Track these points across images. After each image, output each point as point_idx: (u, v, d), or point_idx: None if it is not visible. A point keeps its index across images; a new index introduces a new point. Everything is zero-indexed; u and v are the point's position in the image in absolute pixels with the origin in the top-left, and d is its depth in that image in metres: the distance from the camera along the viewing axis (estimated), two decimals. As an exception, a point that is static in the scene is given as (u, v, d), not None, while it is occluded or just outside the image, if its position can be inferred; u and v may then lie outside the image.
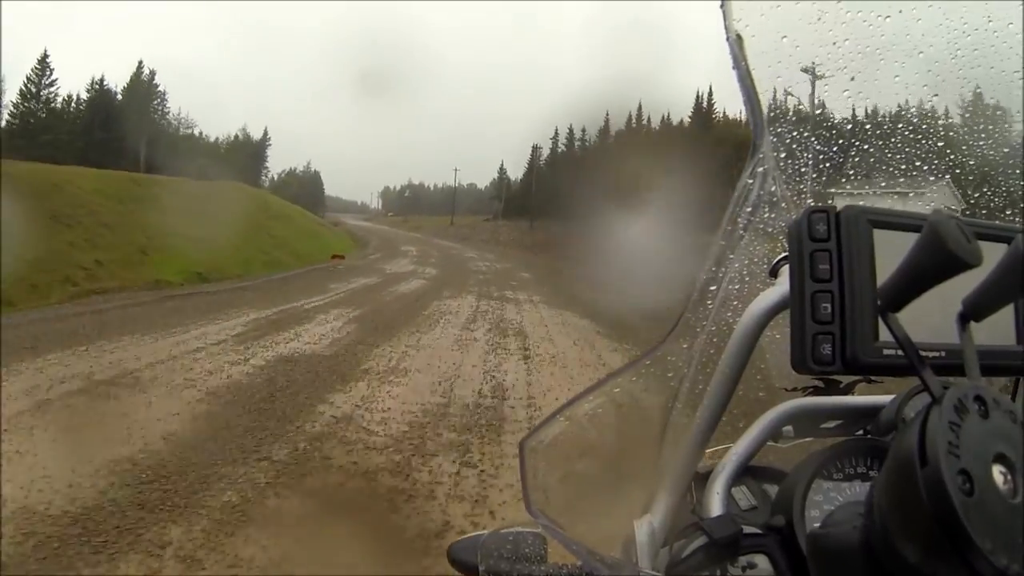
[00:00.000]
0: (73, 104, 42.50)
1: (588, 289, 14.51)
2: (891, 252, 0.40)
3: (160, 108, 49.74)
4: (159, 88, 49.54)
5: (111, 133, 40.16)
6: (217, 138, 59.89)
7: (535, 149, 51.27)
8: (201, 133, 58.72)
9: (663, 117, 41.89)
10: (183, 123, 53.66)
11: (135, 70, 48.08)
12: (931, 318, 0.40)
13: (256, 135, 61.51)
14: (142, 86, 47.33)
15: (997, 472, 0.31)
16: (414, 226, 63.93)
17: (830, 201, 0.61)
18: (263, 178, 59.66)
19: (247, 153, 57.11)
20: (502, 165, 62.31)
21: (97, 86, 43.10)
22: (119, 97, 44.38)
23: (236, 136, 60.40)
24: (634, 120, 45.02)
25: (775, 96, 0.62)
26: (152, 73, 49.35)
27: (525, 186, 50.56)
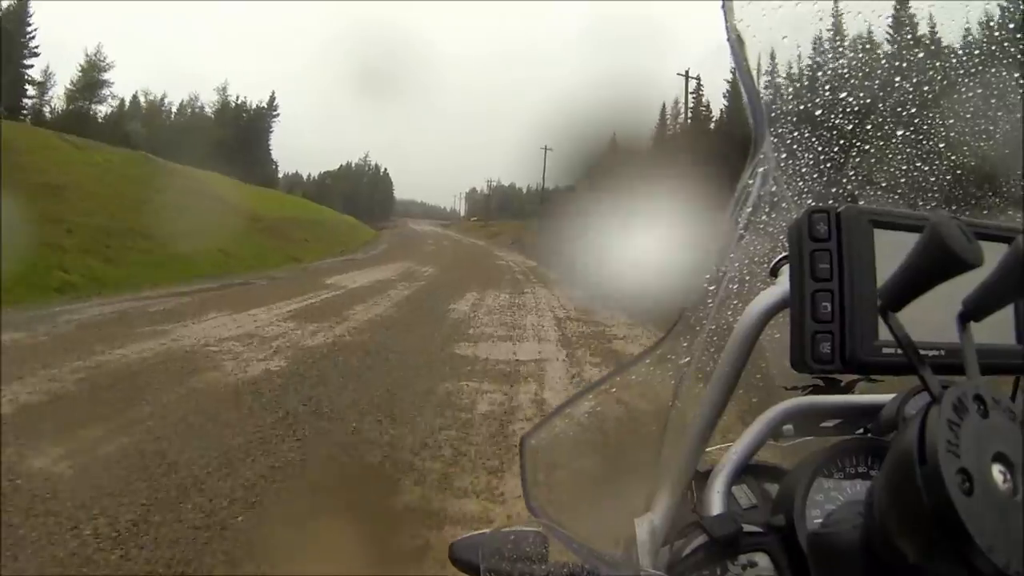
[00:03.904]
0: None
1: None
2: (892, 252, 0.40)
3: (18, 25, 31.76)
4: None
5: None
6: (164, 97, 44.55)
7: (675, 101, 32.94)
8: (190, 105, 44.98)
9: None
10: (96, 65, 39.32)
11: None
12: (931, 318, 0.40)
13: (256, 102, 47.50)
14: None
15: (996, 471, 0.31)
16: (491, 232, 48.23)
17: (831, 201, 0.61)
18: (269, 158, 45.67)
19: (232, 123, 44.78)
20: (614, 137, 40.50)
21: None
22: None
23: (225, 102, 46.30)
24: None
25: (776, 96, 0.62)
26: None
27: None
